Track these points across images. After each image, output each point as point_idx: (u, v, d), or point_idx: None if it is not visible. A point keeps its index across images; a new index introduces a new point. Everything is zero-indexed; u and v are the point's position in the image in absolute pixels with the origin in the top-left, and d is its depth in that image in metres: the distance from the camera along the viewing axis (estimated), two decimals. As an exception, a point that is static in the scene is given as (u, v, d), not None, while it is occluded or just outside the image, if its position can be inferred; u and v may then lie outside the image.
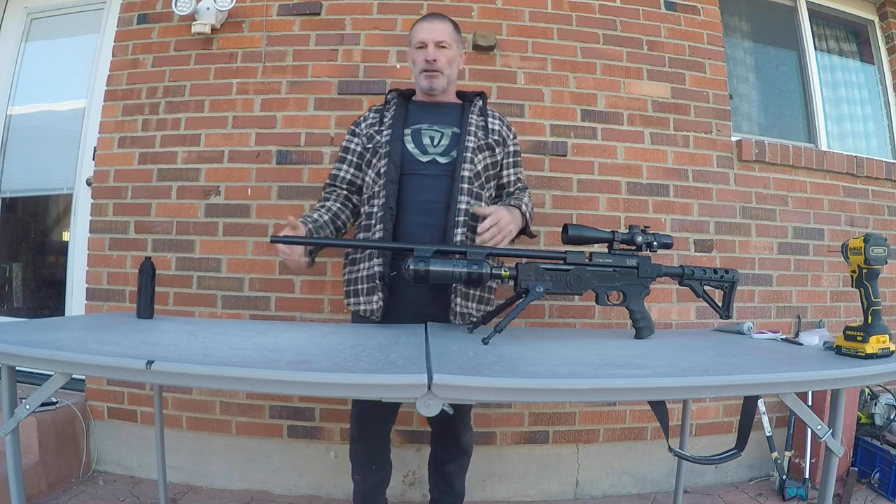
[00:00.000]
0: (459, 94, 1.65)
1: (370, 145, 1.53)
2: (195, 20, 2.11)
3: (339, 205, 1.56)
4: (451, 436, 1.59)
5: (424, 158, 1.49)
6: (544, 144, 2.15)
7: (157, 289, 1.49)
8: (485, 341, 1.17)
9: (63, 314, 2.33)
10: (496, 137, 1.57)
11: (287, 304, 2.07)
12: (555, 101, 2.18)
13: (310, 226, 1.41)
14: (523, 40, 2.19)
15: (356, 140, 1.58)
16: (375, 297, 1.44)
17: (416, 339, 1.22)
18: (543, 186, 2.13)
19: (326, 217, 1.51)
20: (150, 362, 0.88)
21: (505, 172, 1.61)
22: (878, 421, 2.23)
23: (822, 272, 2.37)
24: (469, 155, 1.48)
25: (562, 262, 1.30)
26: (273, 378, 0.88)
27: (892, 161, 2.64)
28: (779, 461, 2.10)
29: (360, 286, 1.48)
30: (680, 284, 1.41)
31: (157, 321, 1.43)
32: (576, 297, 2.04)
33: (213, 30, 2.14)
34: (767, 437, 2.14)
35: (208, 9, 2.09)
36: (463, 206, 1.45)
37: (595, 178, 2.17)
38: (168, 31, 2.21)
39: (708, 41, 2.33)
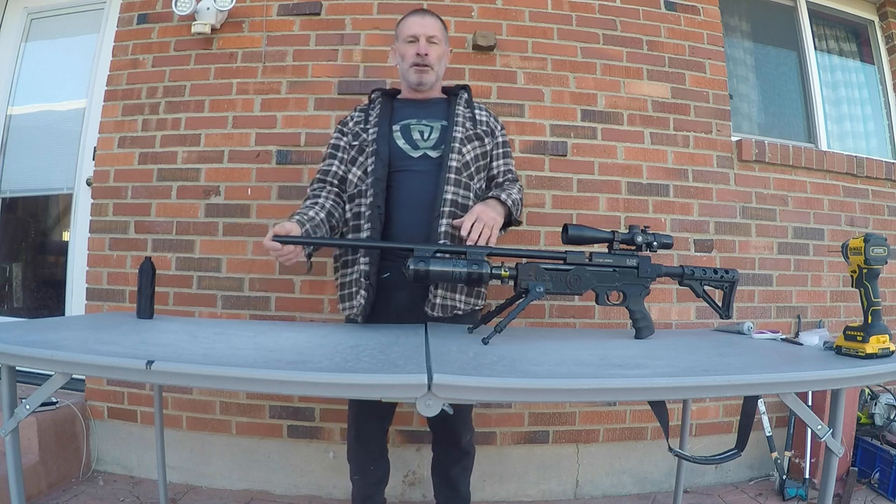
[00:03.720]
0: (444, 90, 1.63)
1: (356, 143, 1.50)
2: (195, 20, 2.11)
3: (331, 202, 1.49)
4: (452, 437, 1.58)
5: (415, 153, 1.48)
6: (544, 144, 2.15)
7: (157, 289, 1.49)
8: (485, 341, 1.17)
9: (63, 314, 2.33)
10: (484, 128, 1.55)
11: (287, 304, 2.07)
12: (555, 101, 2.18)
13: (307, 226, 1.35)
14: (523, 40, 2.19)
15: (345, 139, 1.55)
16: (356, 302, 1.41)
17: (416, 339, 1.22)
18: (543, 186, 2.13)
19: (322, 215, 1.44)
20: (150, 362, 0.88)
21: (494, 164, 1.58)
22: (878, 421, 2.23)
23: (822, 272, 2.37)
24: (457, 146, 1.46)
25: (562, 262, 1.30)
26: (273, 378, 0.88)
27: (892, 161, 2.64)
28: (779, 461, 2.10)
29: (348, 290, 1.46)
30: (680, 284, 1.41)
31: (157, 321, 1.43)
32: (576, 297, 2.04)
33: (213, 30, 2.14)
34: (767, 437, 2.14)
35: (208, 9, 2.09)
36: (449, 197, 1.42)
37: (595, 178, 2.17)
38: (168, 31, 2.21)
39: (708, 41, 2.33)
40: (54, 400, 1.98)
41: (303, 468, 2.04)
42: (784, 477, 2.07)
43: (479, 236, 1.31)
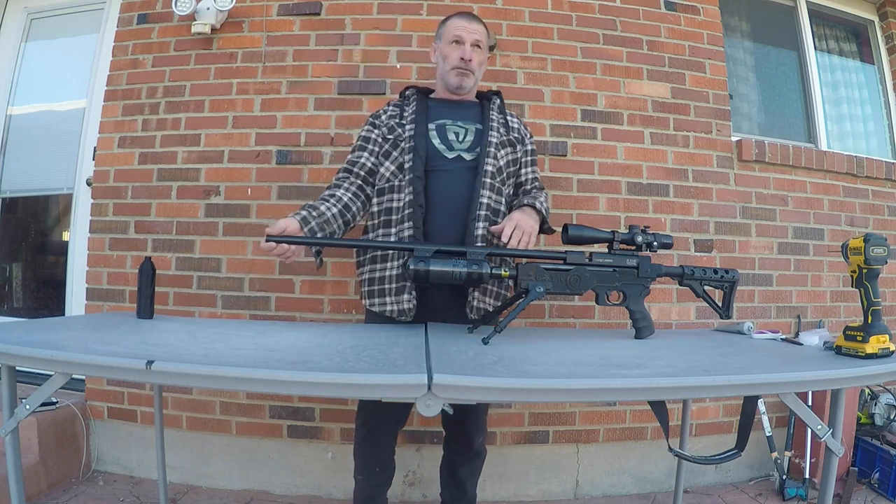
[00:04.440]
0: (476, 94, 1.64)
1: (390, 136, 1.49)
2: (195, 20, 2.11)
3: (350, 195, 1.46)
4: (465, 438, 1.58)
5: (450, 154, 1.47)
6: (544, 144, 2.15)
7: (157, 289, 1.49)
8: (485, 341, 1.17)
9: (63, 314, 2.33)
10: (516, 135, 1.57)
11: (287, 304, 2.06)
12: (555, 101, 2.18)
13: (312, 224, 1.33)
14: (523, 40, 2.19)
15: (377, 131, 1.52)
16: (406, 297, 1.39)
17: (416, 339, 1.22)
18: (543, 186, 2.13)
19: (335, 210, 1.40)
20: (150, 362, 0.88)
21: (523, 171, 1.59)
22: (878, 421, 2.23)
23: (822, 272, 2.37)
24: (492, 150, 1.47)
25: (562, 262, 1.30)
26: (273, 378, 0.88)
27: (892, 161, 2.64)
28: (779, 461, 2.10)
29: (386, 286, 1.43)
30: (680, 284, 1.41)
31: (157, 321, 1.43)
32: (576, 297, 2.04)
33: (213, 30, 2.14)
34: (767, 437, 2.14)
35: (208, 9, 2.09)
36: (485, 201, 1.43)
37: (595, 178, 2.17)
38: (168, 31, 2.21)
39: (708, 41, 2.33)
40: (54, 400, 1.98)
41: (303, 468, 2.04)
42: (784, 477, 2.07)
43: (519, 243, 1.33)
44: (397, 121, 1.51)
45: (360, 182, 1.50)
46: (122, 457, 2.11)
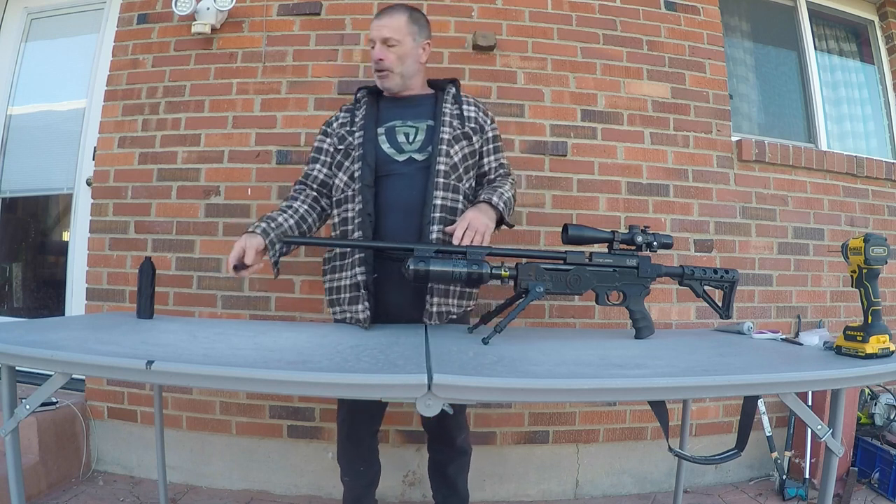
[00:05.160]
0: (431, 84, 1.57)
1: (342, 146, 1.47)
2: (195, 20, 2.11)
3: (306, 206, 1.48)
4: (446, 437, 1.58)
5: (401, 157, 1.44)
6: (544, 144, 2.15)
7: (157, 289, 1.49)
8: (485, 341, 1.17)
9: (63, 314, 2.32)
10: (472, 125, 1.51)
11: (287, 304, 2.07)
12: (555, 101, 2.17)
13: (272, 235, 1.34)
14: (523, 40, 2.19)
15: (328, 140, 1.51)
16: (361, 307, 1.38)
17: (416, 339, 1.22)
18: (543, 186, 2.13)
19: (292, 221, 1.42)
20: (150, 362, 0.88)
21: (485, 160, 1.55)
22: (878, 421, 2.23)
23: (822, 272, 2.37)
24: (444, 147, 1.43)
25: (562, 262, 1.30)
26: (273, 378, 0.88)
27: (892, 161, 2.64)
28: (779, 461, 2.10)
29: (342, 295, 1.44)
30: (680, 284, 1.41)
31: (157, 321, 1.43)
32: (576, 297, 2.04)
33: (213, 30, 2.14)
34: (767, 437, 2.14)
35: (208, 9, 2.09)
36: (438, 202, 1.40)
37: (595, 178, 2.17)
38: (168, 31, 2.21)
39: (708, 41, 2.33)
40: (54, 400, 1.98)
41: (303, 468, 2.04)
42: (784, 477, 2.07)
43: (471, 243, 1.30)
44: (348, 128, 1.48)
45: (314, 194, 1.51)
46: (122, 457, 2.11)
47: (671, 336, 1.49)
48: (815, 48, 2.69)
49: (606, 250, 1.35)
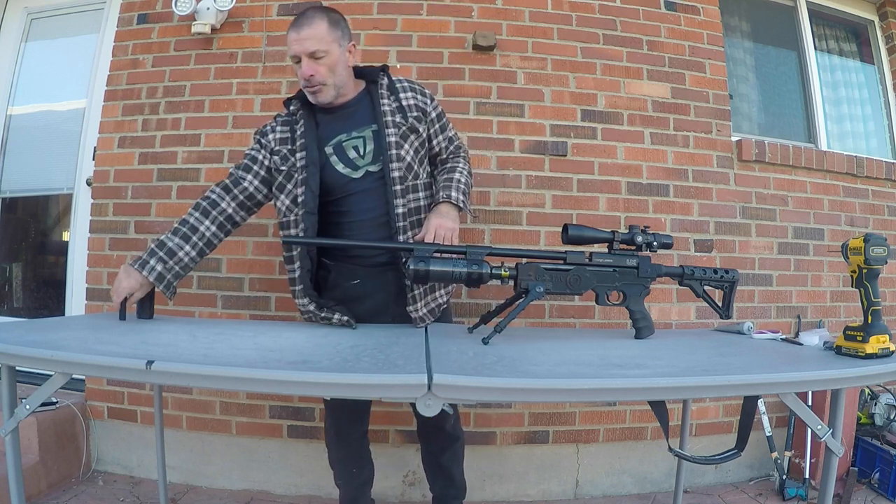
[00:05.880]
0: (360, 75, 1.49)
1: (283, 168, 1.39)
2: (195, 20, 2.11)
3: (214, 228, 1.40)
4: (434, 424, 1.53)
5: (357, 174, 1.39)
6: (544, 144, 2.15)
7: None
8: (485, 341, 1.17)
9: (63, 314, 2.32)
10: (415, 114, 1.44)
11: (287, 305, 2.06)
12: (555, 101, 2.17)
13: (168, 277, 1.34)
14: (523, 40, 2.19)
15: (264, 152, 1.42)
16: (336, 317, 1.37)
17: (416, 339, 1.22)
18: (543, 186, 2.13)
19: (194, 253, 1.37)
20: (150, 362, 0.88)
21: (434, 142, 1.51)
22: (878, 421, 2.23)
23: (822, 272, 2.37)
24: (394, 153, 1.38)
25: (562, 262, 1.30)
26: (273, 378, 0.88)
27: (892, 161, 2.64)
28: (779, 461, 2.10)
29: (294, 287, 1.42)
30: (680, 284, 1.41)
31: (157, 321, 1.43)
32: (576, 297, 2.04)
33: (213, 30, 2.14)
34: (767, 437, 2.14)
35: (208, 9, 2.09)
36: (399, 211, 1.37)
37: (595, 178, 2.17)
38: (168, 31, 2.21)
39: (708, 41, 2.33)
40: (54, 400, 1.98)
41: (303, 468, 2.04)
42: (784, 477, 2.07)
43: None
44: (289, 147, 1.39)
45: (230, 211, 1.43)
46: (122, 457, 2.11)
47: (671, 336, 1.49)
48: (815, 48, 2.70)
49: (606, 250, 1.35)
